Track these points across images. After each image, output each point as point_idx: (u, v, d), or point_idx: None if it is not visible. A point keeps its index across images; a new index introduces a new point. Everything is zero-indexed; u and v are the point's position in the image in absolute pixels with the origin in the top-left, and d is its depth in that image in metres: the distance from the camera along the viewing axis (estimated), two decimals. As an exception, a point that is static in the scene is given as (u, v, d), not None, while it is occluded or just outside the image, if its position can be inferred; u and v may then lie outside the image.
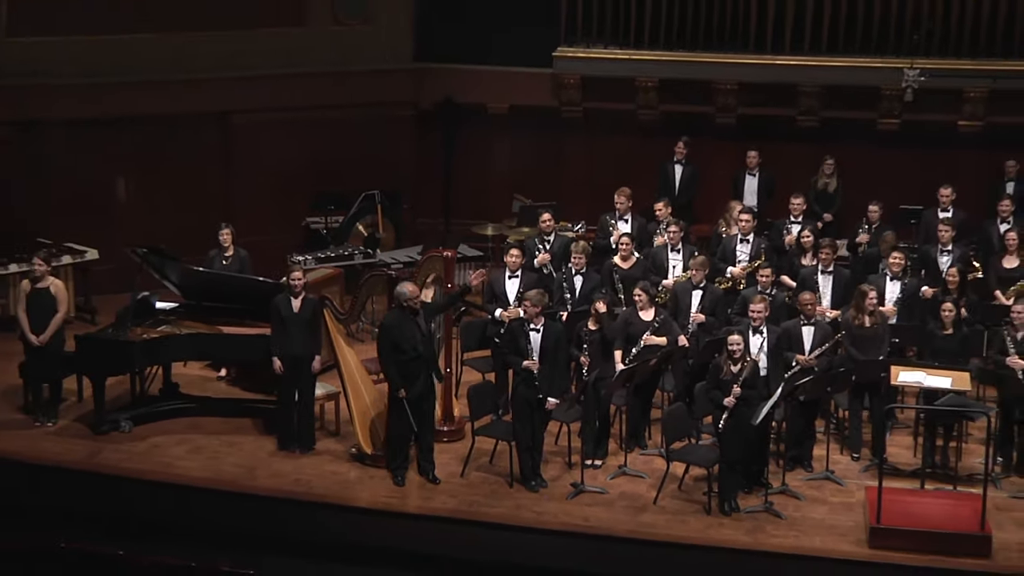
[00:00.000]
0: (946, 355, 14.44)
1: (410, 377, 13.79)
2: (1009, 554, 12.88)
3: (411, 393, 13.80)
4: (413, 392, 13.82)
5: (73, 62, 18.10)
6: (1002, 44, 18.61)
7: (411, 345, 13.77)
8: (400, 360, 13.75)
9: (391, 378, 13.87)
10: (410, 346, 13.77)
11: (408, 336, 13.76)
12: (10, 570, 12.13)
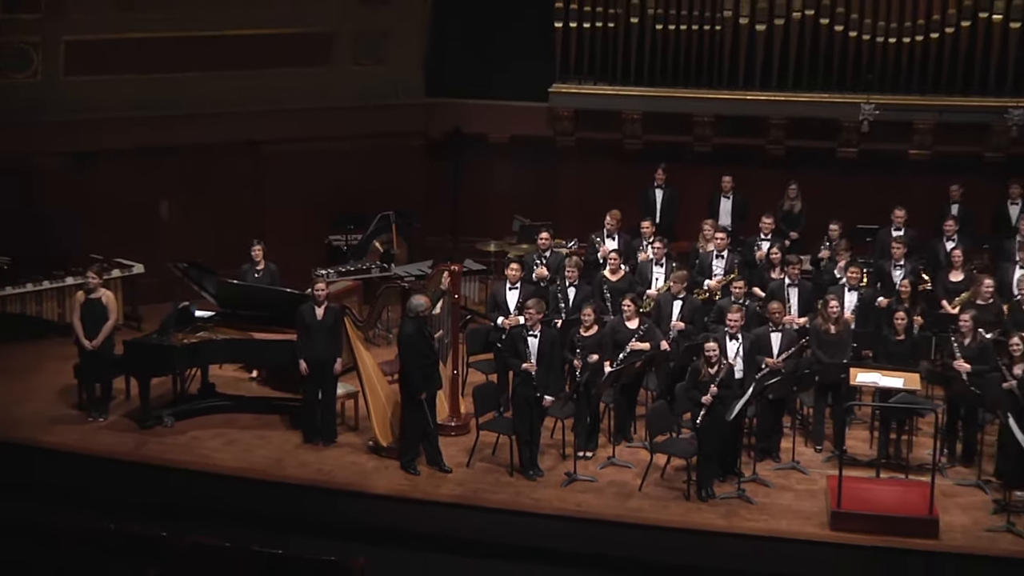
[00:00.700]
0: (899, 358, 14.40)
1: (428, 379, 13.83)
2: (954, 535, 12.92)
3: (429, 393, 13.85)
4: (431, 392, 13.87)
5: (122, 98, 18.11)
6: (946, 82, 18.60)
7: (430, 350, 13.81)
8: (423, 364, 13.79)
9: (415, 381, 13.84)
10: (430, 350, 13.80)
11: (427, 343, 13.81)
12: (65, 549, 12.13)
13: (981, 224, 17.64)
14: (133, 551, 12.09)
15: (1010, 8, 18.26)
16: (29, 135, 17.63)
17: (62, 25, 17.80)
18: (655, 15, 19.10)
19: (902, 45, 18.65)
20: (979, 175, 18.32)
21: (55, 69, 17.93)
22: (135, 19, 18.10)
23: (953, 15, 18.46)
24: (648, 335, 14.50)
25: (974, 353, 14.06)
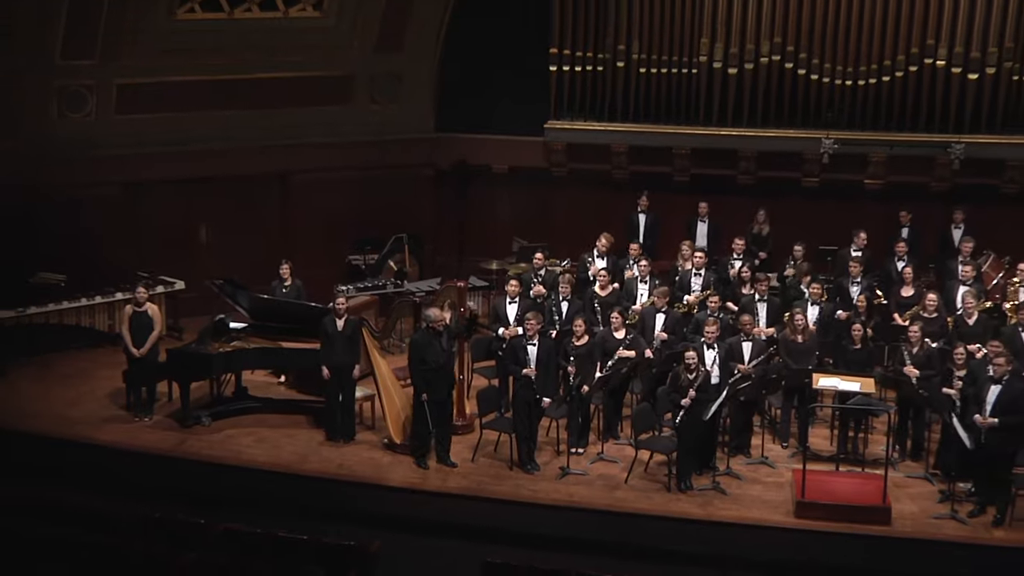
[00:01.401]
0: (856, 365, 14.47)
1: (431, 384, 13.82)
2: (904, 522, 12.99)
3: (431, 397, 13.82)
4: (433, 396, 13.85)
5: (166, 134, 18.11)
6: (897, 119, 18.59)
7: (433, 359, 13.79)
8: (424, 370, 13.79)
9: (416, 384, 13.91)
10: (433, 359, 13.79)
11: (431, 351, 13.80)
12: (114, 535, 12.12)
13: (928, 246, 17.66)
14: (174, 536, 12.10)
15: (951, 55, 18.28)
16: (84, 168, 17.63)
17: (114, 70, 17.82)
18: (639, 60, 19.10)
19: (857, 87, 18.67)
20: (926, 202, 18.33)
21: (107, 109, 17.95)
22: (178, 65, 18.12)
23: (902, 60, 18.47)
24: (634, 344, 14.54)
25: (922, 360, 14.11)
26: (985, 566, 12.66)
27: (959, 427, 13.10)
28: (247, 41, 18.51)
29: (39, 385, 16.07)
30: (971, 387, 13.29)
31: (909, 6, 18.39)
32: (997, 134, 18.44)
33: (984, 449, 12.99)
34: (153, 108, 18.11)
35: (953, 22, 18.29)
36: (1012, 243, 17.10)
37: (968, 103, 18.42)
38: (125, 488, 13.71)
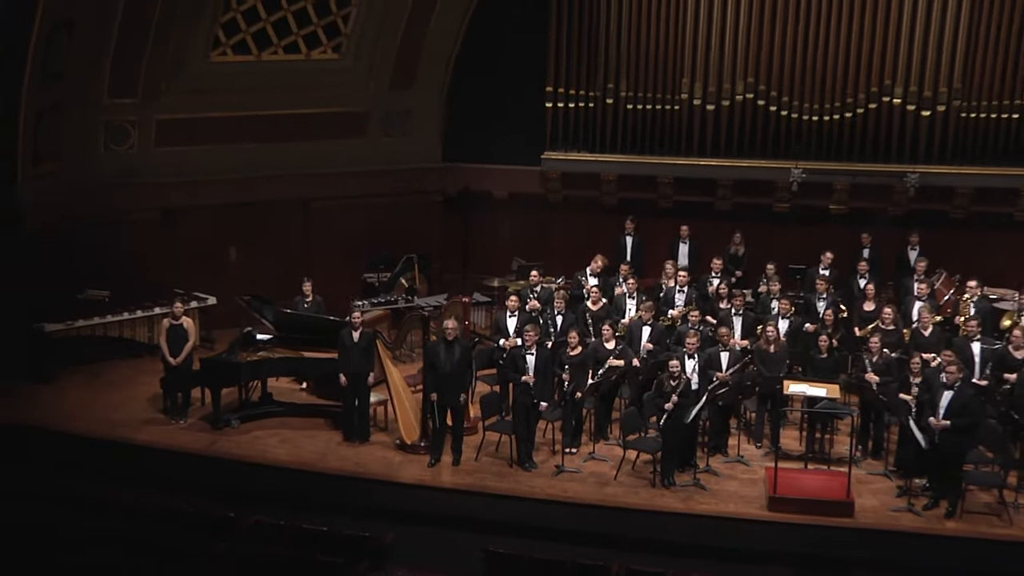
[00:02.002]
0: (822, 372, 14.45)
1: (440, 388, 13.84)
2: (866, 515, 13.01)
3: (440, 401, 13.84)
4: (442, 400, 13.86)
5: (200, 165, 18.13)
6: (858, 151, 18.61)
7: (443, 365, 13.81)
8: (434, 375, 13.84)
9: (426, 387, 13.93)
10: (442, 365, 13.81)
11: (442, 358, 13.82)
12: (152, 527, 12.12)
13: (887, 265, 17.63)
14: (206, 528, 12.11)
15: (907, 94, 18.32)
16: (126, 195, 17.64)
17: (154, 107, 17.86)
18: (626, 97, 19.13)
19: (823, 122, 18.69)
20: (885, 226, 18.32)
21: (148, 142, 17.96)
22: (212, 102, 18.16)
23: (863, 98, 18.51)
24: (623, 354, 14.51)
25: (881, 368, 14.13)
26: (938, 554, 12.64)
27: (915, 429, 13.15)
28: (273, 81, 18.52)
29: (85, 391, 16.06)
30: (926, 393, 13.31)
31: (869, 49, 18.44)
32: (947, 165, 18.45)
33: (937, 449, 13.02)
34: (189, 141, 18.13)
35: (908, 64, 18.34)
36: (961, 263, 17.12)
37: (921, 137, 18.45)
38: (162, 484, 13.73)
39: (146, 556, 11.26)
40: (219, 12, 17.93)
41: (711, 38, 18.77)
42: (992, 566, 12.49)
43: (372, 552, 11.90)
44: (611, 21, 19.03)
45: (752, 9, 18.63)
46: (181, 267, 17.66)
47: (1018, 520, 12.99)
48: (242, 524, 12.17)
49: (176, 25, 17.47)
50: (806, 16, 18.54)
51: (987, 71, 18.30)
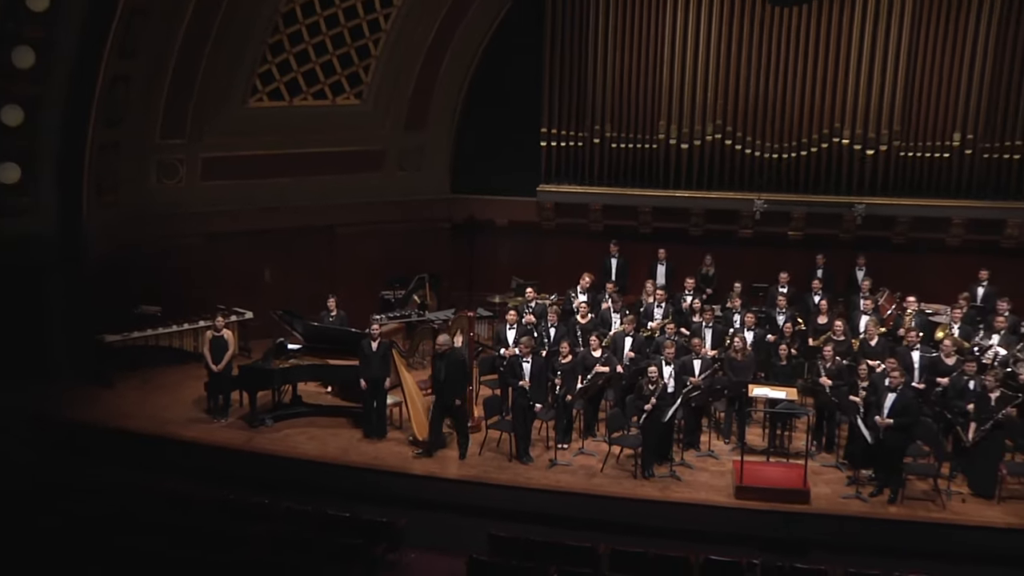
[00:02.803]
0: (782, 377, 14.47)
1: (436, 393, 14.09)
2: (820, 501, 13.05)
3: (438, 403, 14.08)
4: (440, 403, 14.06)
5: (239, 196, 18.15)
6: (812, 185, 18.62)
7: (435, 375, 14.07)
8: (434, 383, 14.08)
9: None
10: (435, 375, 14.07)
11: (434, 369, 14.09)
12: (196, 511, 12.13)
13: (838, 284, 17.59)
14: (244, 513, 12.15)
15: (854, 135, 18.33)
16: (174, 223, 17.67)
17: (199, 147, 17.89)
18: (611, 137, 19.12)
19: (782, 159, 18.69)
20: (836, 249, 18.30)
21: (194, 177, 17.98)
22: (249, 142, 18.18)
23: (816, 139, 18.52)
24: (608, 362, 14.53)
25: (833, 373, 14.17)
26: (883, 536, 12.68)
27: (863, 426, 13.21)
28: (303, 123, 18.55)
29: (139, 393, 16.05)
30: (872, 395, 13.35)
31: (820, 96, 18.47)
32: (889, 197, 18.48)
33: (882, 443, 13.09)
34: (229, 176, 18.15)
35: (854, 110, 18.37)
36: (902, 282, 17.13)
37: (867, 172, 18.46)
38: (205, 475, 13.77)
39: (191, 538, 11.30)
40: (256, 64, 17.98)
41: (684, 86, 18.78)
42: (928, 545, 12.49)
43: (388, 535, 11.96)
44: (597, 71, 19.04)
45: (720, 61, 18.65)
46: (222, 285, 17.64)
47: (950, 505, 13.05)
48: (275, 510, 12.24)
49: (218, 76, 17.55)
50: (766, 67, 18.59)
51: (921, 117, 18.37)
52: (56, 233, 16.08)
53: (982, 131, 18.21)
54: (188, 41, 16.92)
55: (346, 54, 18.55)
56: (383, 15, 18.47)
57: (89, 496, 12.40)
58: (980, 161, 18.28)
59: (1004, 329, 15.14)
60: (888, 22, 18.13)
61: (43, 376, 15.89)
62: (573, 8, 18.96)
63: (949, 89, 18.24)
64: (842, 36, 18.33)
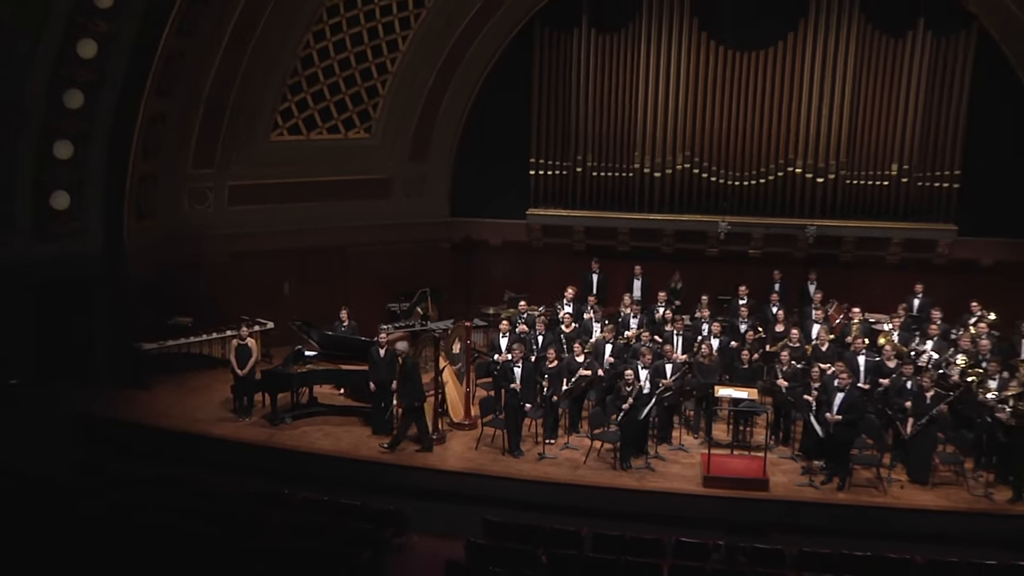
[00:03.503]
0: (744, 379, 14.56)
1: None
2: (778, 489, 13.13)
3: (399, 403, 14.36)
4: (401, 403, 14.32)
5: (262, 219, 18.13)
6: (770, 209, 18.67)
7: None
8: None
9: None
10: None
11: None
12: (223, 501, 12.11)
13: (793, 296, 17.63)
14: (266, 502, 12.12)
15: (805, 165, 18.41)
16: (205, 243, 17.66)
17: (226, 176, 17.87)
18: (592, 166, 19.13)
19: (743, 186, 18.74)
20: (791, 266, 18.30)
21: (222, 203, 17.96)
22: (271, 172, 18.16)
23: (773, 168, 18.59)
24: (590, 366, 14.59)
25: (789, 376, 14.25)
26: (833, 518, 12.73)
27: (815, 422, 13.27)
28: (319, 155, 18.54)
29: (173, 395, 16.00)
30: (823, 394, 13.39)
31: (776, 131, 18.56)
32: (837, 219, 18.54)
33: (832, 437, 13.16)
34: (253, 202, 18.12)
35: (806, 143, 18.46)
36: (848, 295, 17.17)
37: (817, 198, 18.52)
38: (232, 468, 13.77)
39: (217, 524, 11.27)
40: (277, 102, 18.00)
41: (656, 122, 18.83)
42: (872, 526, 12.55)
43: (395, 521, 11.92)
44: (579, 108, 19.07)
45: (688, 99, 18.71)
46: (246, 299, 17.59)
47: (891, 491, 13.12)
48: (293, 499, 12.20)
49: (243, 114, 17.58)
50: (729, 105, 18.65)
51: (864, 150, 18.47)
52: (100, 253, 16.10)
53: (916, 162, 18.33)
54: (217, 82, 16.95)
55: (357, 93, 18.56)
56: (390, 59, 18.51)
57: (128, 486, 12.38)
58: (915, 188, 18.39)
59: (937, 336, 15.27)
60: (834, 67, 18.26)
61: (88, 379, 15.87)
62: (557, 53, 19.02)
63: (888, 125, 18.37)
64: (795, 78, 18.43)
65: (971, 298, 16.32)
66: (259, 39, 17.05)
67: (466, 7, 18.48)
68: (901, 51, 18.13)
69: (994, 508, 12.75)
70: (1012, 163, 18.15)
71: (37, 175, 15.40)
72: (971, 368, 14.15)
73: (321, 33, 17.89)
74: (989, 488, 13.04)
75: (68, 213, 15.78)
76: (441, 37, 18.60)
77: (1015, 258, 18.41)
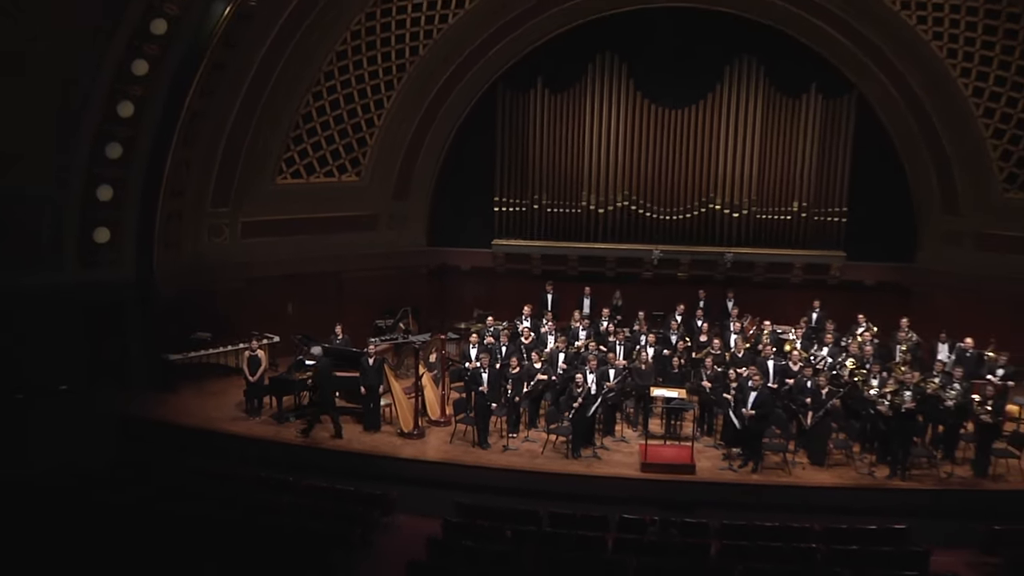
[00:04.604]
0: (674, 381, 14.62)
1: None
2: (703, 472, 13.17)
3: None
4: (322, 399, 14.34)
5: (270, 250, 18.04)
6: (695, 238, 18.82)
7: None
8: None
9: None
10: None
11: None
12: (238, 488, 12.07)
13: (715, 311, 17.64)
14: (274, 488, 12.09)
15: (723, 203, 18.53)
16: (221, 270, 17.52)
17: (239, 213, 17.77)
18: (546, 203, 19.12)
19: (672, 220, 18.86)
20: (712, 286, 18.39)
21: (235, 236, 17.84)
22: (277, 210, 18.01)
23: (696, 205, 18.71)
24: (546, 372, 14.60)
25: (712, 378, 14.30)
26: (747, 495, 12.81)
27: (733, 416, 13.39)
28: (317, 195, 18.45)
29: (195, 398, 15.84)
30: (740, 393, 13.50)
31: (699, 175, 18.72)
32: (750, 247, 18.71)
33: (747, 429, 13.26)
34: (262, 235, 18.01)
35: (723, 184, 18.66)
36: (760, 310, 17.27)
37: (733, 230, 18.71)
38: (244, 459, 13.67)
39: (232, 507, 11.25)
40: (282, 152, 17.98)
41: (600, 166, 18.95)
42: (779, 501, 12.66)
43: (383, 503, 11.95)
44: (535, 155, 19.16)
45: (626, 148, 18.85)
46: (256, 317, 17.44)
47: (794, 472, 13.23)
48: (297, 486, 12.18)
49: (254, 161, 17.54)
50: (660, 153, 18.82)
51: (770, 190, 18.70)
52: (134, 279, 16.02)
53: (812, 200, 18.61)
54: (233, 135, 16.92)
55: (349, 144, 18.55)
56: (376, 115, 18.57)
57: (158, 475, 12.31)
58: (812, 222, 18.65)
59: (831, 343, 15.43)
60: (745, 122, 18.54)
61: (125, 384, 15.75)
62: (517, 109, 19.13)
63: (789, 170, 18.67)
64: (713, 131, 18.67)
65: (858, 312, 16.53)
66: (267, 99, 17.05)
67: (440, 72, 18.61)
68: (798, 110, 18.51)
69: (875, 483, 12.97)
70: (888, 201, 18.56)
71: (83, 214, 15.41)
72: (857, 369, 14.37)
73: (319, 94, 17.92)
74: (872, 467, 13.26)
75: (108, 246, 15.75)
76: (419, 97, 18.69)
77: (892, 279, 18.79)
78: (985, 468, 13.05)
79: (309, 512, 11.32)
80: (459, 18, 18.14)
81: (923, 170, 18.40)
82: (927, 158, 18.27)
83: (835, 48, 18.14)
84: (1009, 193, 17.61)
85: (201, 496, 11.50)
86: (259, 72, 16.67)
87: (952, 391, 13.37)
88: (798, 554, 10.50)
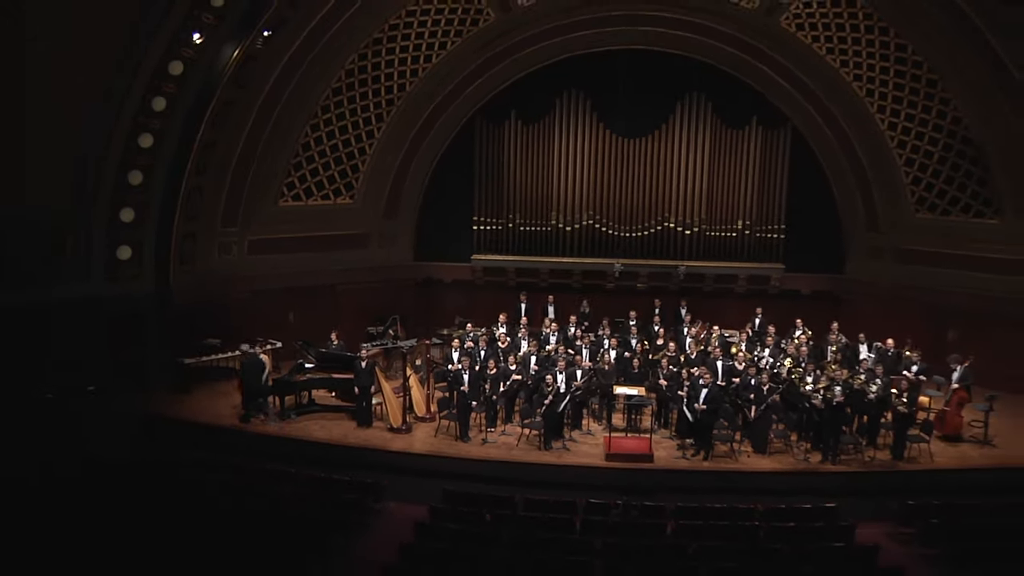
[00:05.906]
0: (635, 380, 14.66)
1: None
2: (660, 461, 13.20)
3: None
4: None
5: (273, 266, 18.00)
6: (653, 253, 18.95)
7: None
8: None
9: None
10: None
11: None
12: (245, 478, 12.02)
13: (670, 317, 17.69)
14: (274, 478, 12.04)
15: (677, 221, 18.75)
16: (230, 284, 17.45)
17: (246, 232, 17.72)
18: (519, 222, 19.26)
19: (632, 237, 18.96)
20: (668, 296, 18.46)
21: (243, 253, 17.79)
22: (280, 229, 18.03)
23: (653, 223, 18.85)
24: (520, 372, 14.58)
25: (668, 377, 14.32)
26: (699, 480, 12.87)
27: (687, 411, 13.44)
28: (315, 216, 18.43)
29: (207, 398, 15.70)
30: (692, 390, 13.55)
31: (655, 197, 18.86)
32: (700, 261, 18.87)
33: (699, 422, 13.32)
34: (267, 252, 17.94)
35: (676, 205, 18.83)
36: (710, 316, 17.36)
37: (686, 245, 18.88)
38: (251, 453, 13.56)
39: (240, 495, 11.21)
40: (283, 177, 17.96)
41: (567, 189, 19.06)
42: (727, 485, 12.74)
43: (375, 492, 11.91)
44: (510, 179, 19.24)
45: (590, 173, 18.97)
46: (261, 325, 17.36)
47: (740, 459, 13.31)
48: (297, 475, 12.11)
49: (259, 186, 17.50)
50: (622, 178, 18.96)
51: (718, 210, 18.88)
52: (153, 292, 15.99)
53: (755, 219, 18.84)
54: (240, 162, 16.89)
55: (344, 169, 18.56)
56: (368, 144, 18.62)
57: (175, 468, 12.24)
58: (755, 238, 18.87)
59: (772, 345, 15.59)
60: (695, 150, 18.77)
61: (145, 386, 15.63)
62: (493, 138, 19.22)
63: (734, 192, 18.87)
64: (668, 157, 18.86)
65: (795, 317, 16.70)
66: (271, 130, 17.06)
67: (425, 106, 18.69)
68: (741, 140, 18.78)
69: (810, 468, 13.10)
70: (820, 219, 18.79)
71: (108, 234, 15.41)
72: (794, 368, 14.53)
73: (317, 125, 17.94)
74: (807, 454, 13.40)
75: (130, 262, 15.73)
76: (406, 127, 18.73)
77: (825, 288, 19.05)
78: (901, 452, 13.28)
79: (308, 499, 11.29)
80: (442, 58, 18.27)
81: (849, 192, 18.72)
82: (852, 182, 18.60)
83: (773, 87, 18.47)
84: (919, 213, 17.96)
85: (213, 487, 11.44)
86: (263, 107, 16.70)
87: (874, 385, 13.60)
88: (743, 531, 10.63)
